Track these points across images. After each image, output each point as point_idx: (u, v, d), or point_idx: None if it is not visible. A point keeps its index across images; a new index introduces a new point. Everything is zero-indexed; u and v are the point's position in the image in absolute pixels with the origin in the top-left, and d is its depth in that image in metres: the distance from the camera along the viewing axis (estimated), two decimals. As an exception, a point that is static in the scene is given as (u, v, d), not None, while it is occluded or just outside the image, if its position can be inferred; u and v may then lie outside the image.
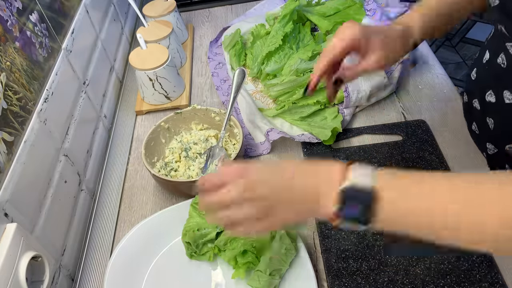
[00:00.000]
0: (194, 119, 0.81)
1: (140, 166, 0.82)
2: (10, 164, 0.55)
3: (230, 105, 0.75)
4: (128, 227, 0.72)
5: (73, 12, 0.82)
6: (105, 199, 0.77)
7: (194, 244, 0.63)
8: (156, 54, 0.87)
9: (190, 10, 1.24)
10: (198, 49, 1.09)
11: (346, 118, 0.81)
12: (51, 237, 0.62)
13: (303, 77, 0.83)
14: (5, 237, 0.49)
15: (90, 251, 0.70)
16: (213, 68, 0.99)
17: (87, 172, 0.77)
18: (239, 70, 0.78)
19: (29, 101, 0.61)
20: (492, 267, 0.58)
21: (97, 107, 0.86)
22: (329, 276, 0.61)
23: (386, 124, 0.80)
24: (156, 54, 0.87)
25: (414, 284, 0.58)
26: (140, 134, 0.89)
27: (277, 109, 0.84)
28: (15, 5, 0.62)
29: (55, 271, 0.61)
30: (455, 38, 2.51)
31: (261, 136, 0.82)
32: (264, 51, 0.90)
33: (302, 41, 0.93)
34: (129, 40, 1.14)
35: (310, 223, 0.67)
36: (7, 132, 0.55)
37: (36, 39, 0.66)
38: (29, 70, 0.63)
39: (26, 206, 0.57)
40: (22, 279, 0.49)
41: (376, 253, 0.62)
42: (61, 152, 0.69)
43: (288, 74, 0.86)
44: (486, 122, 0.63)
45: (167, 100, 0.91)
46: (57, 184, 0.65)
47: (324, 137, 0.77)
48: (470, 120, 0.71)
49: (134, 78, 0.93)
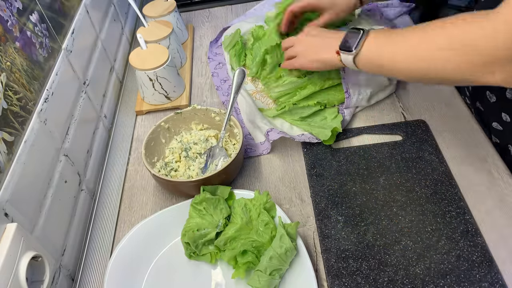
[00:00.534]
0: (194, 119, 0.81)
1: (140, 166, 0.82)
2: (10, 164, 0.55)
3: (230, 105, 0.75)
4: (128, 227, 0.72)
5: (73, 12, 0.82)
6: (105, 199, 0.77)
7: (194, 245, 0.63)
8: (156, 54, 0.87)
9: (190, 10, 1.24)
10: (198, 49, 1.09)
11: (346, 118, 0.81)
12: (51, 237, 0.62)
13: (304, 79, 0.83)
14: (5, 237, 0.49)
15: (90, 251, 0.70)
16: (213, 68, 0.99)
17: (87, 172, 0.77)
18: (239, 70, 0.79)
19: (29, 101, 0.61)
20: (492, 267, 0.58)
21: (97, 107, 0.86)
22: (329, 276, 0.61)
23: (386, 124, 0.80)
24: (156, 54, 0.87)
25: (414, 284, 0.58)
26: (140, 134, 0.89)
27: (277, 110, 0.84)
28: (15, 5, 0.62)
29: (55, 271, 0.62)
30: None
31: (261, 136, 0.82)
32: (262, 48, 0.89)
33: None
34: (129, 40, 1.14)
35: (310, 223, 0.68)
36: (7, 132, 0.55)
37: (36, 39, 0.66)
38: (29, 70, 0.63)
39: (26, 206, 0.57)
40: (22, 279, 0.49)
41: (376, 253, 0.62)
42: (61, 152, 0.69)
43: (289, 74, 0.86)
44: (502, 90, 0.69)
45: (167, 100, 0.91)
46: (57, 184, 0.65)
47: (324, 137, 0.77)
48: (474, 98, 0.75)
49: (134, 78, 0.93)
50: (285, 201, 0.71)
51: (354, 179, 0.72)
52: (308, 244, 0.65)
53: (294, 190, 0.73)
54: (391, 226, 0.65)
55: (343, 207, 0.68)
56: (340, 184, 0.71)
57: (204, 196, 0.65)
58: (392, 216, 0.66)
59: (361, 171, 0.73)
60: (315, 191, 0.71)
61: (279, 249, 0.58)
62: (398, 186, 0.70)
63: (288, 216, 0.65)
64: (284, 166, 0.77)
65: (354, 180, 0.72)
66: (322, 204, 0.69)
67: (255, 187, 0.74)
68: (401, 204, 0.67)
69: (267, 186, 0.74)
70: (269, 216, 0.63)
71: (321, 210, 0.68)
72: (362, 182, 0.71)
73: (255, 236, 0.62)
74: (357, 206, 0.68)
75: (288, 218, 0.64)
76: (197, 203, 0.65)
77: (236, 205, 0.65)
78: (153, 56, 0.87)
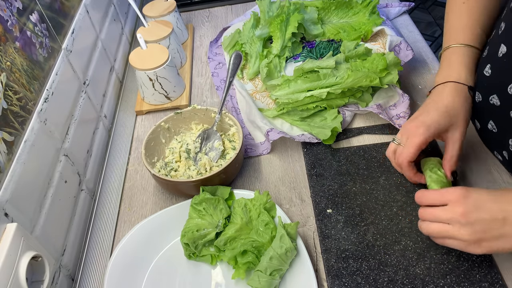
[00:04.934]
0: (194, 119, 0.81)
1: (140, 166, 0.82)
2: (10, 164, 0.55)
3: (226, 89, 0.76)
4: (128, 227, 0.72)
5: (73, 12, 0.82)
6: (105, 199, 0.77)
7: (193, 245, 0.63)
8: (156, 54, 0.87)
9: (190, 10, 1.24)
10: (198, 49, 1.09)
11: (347, 119, 0.81)
12: (51, 237, 0.62)
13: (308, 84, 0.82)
14: (5, 237, 0.49)
15: (90, 251, 0.70)
16: (213, 68, 0.99)
17: (87, 172, 0.77)
18: (236, 53, 0.79)
19: (29, 101, 0.61)
20: (492, 267, 0.58)
21: (97, 107, 0.86)
22: (329, 276, 0.61)
23: (386, 124, 0.80)
24: (156, 54, 0.87)
25: (414, 284, 0.58)
26: (140, 134, 0.89)
27: (277, 110, 0.84)
28: (15, 5, 0.62)
29: (55, 271, 0.61)
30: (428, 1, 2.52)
31: (261, 136, 0.82)
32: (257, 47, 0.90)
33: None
34: (129, 40, 1.14)
35: (310, 223, 0.68)
36: (7, 132, 0.55)
37: (36, 39, 0.66)
38: (29, 70, 0.63)
39: (26, 206, 0.57)
40: (22, 279, 0.49)
41: (376, 253, 0.62)
42: (61, 152, 0.69)
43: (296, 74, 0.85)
44: (509, 117, 0.61)
45: (167, 100, 0.91)
46: (57, 184, 0.65)
47: (324, 137, 0.77)
48: (485, 119, 0.68)
49: (134, 78, 0.93)
50: (285, 201, 0.71)
51: (354, 179, 0.72)
52: (308, 244, 0.65)
53: (294, 190, 0.73)
54: (391, 226, 0.65)
55: (343, 207, 0.68)
56: (340, 184, 0.71)
57: (204, 196, 0.65)
58: (392, 216, 0.66)
59: (361, 171, 0.73)
60: (315, 191, 0.71)
61: (279, 249, 0.58)
62: (398, 186, 0.70)
63: (288, 216, 0.65)
64: (284, 166, 0.77)
65: (354, 180, 0.72)
66: (322, 204, 0.69)
67: (255, 187, 0.74)
68: (401, 204, 0.67)
69: (267, 186, 0.74)
70: (269, 216, 0.63)
71: (321, 210, 0.68)
72: (362, 182, 0.71)
73: (255, 236, 0.62)
74: (357, 206, 0.68)
75: (288, 218, 0.64)
76: (197, 204, 0.65)
77: (236, 205, 0.65)
78: (153, 56, 0.87)
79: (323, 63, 0.81)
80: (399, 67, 0.80)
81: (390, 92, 0.83)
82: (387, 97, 0.83)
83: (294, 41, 0.95)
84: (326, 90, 0.79)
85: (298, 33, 0.95)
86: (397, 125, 0.76)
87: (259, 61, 0.93)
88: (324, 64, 0.81)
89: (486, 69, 0.65)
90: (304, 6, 0.98)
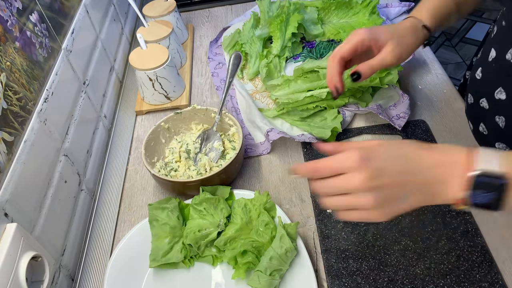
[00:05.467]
0: (194, 119, 0.81)
1: (140, 166, 0.82)
2: (10, 164, 0.55)
3: (226, 89, 0.76)
4: (128, 227, 0.72)
5: (73, 12, 0.82)
6: (105, 199, 0.77)
7: (196, 246, 0.63)
8: (156, 54, 0.87)
9: (190, 10, 1.24)
10: (198, 49, 1.09)
11: (347, 119, 0.81)
12: (51, 237, 0.62)
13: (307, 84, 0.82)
14: (5, 237, 0.49)
15: (90, 251, 0.70)
16: (213, 68, 1.00)
17: (87, 172, 0.77)
18: (236, 53, 0.79)
19: (29, 101, 0.61)
20: (492, 267, 0.58)
21: (97, 107, 0.86)
22: (329, 276, 0.61)
23: (386, 124, 0.80)
24: (156, 54, 0.87)
25: (414, 284, 0.58)
26: (140, 134, 0.89)
27: (277, 110, 0.84)
28: (15, 5, 0.62)
29: (55, 271, 0.61)
30: (455, 38, 2.51)
31: (261, 136, 0.82)
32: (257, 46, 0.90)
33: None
34: (129, 40, 1.14)
35: (310, 223, 0.67)
36: (7, 132, 0.55)
37: (36, 39, 0.66)
38: (29, 70, 0.63)
39: (26, 206, 0.57)
40: (22, 279, 0.49)
41: (376, 253, 0.62)
42: (61, 152, 0.69)
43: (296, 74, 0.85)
44: (495, 121, 0.63)
45: (167, 100, 0.91)
46: (57, 184, 0.65)
47: (324, 137, 0.77)
48: (476, 121, 0.69)
49: (134, 78, 0.93)
50: (285, 201, 0.71)
51: (354, 179, 0.72)
52: (308, 244, 0.65)
53: (294, 190, 0.73)
54: (391, 226, 0.65)
55: (343, 207, 0.68)
56: (340, 184, 0.71)
57: (204, 196, 0.65)
58: (392, 216, 0.66)
59: (361, 171, 0.73)
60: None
61: (279, 249, 0.58)
62: (398, 186, 0.70)
63: (288, 216, 0.65)
64: (284, 166, 0.77)
65: (354, 180, 0.72)
66: (322, 204, 0.69)
67: (255, 187, 0.74)
68: (401, 204, 0.67)
69: (267, 186, 0.74)
70: (269, 216, 0.63)
71: (321, 210, 0.68)
72: (362, 182, 0.71)
73: (255, 236, 0.62)
74: (357, 206, 0.68)
75: (288, 218, 0.64)
76: (197, 204, 0.65)
77: (236, 205, 0.65)
78: (153, 56, 0.87)
79: (323, 63, 0.82)
80: (399, 67, 0.81)
81: (390, 92, 0.83)
82: (387, 97, 0.83)
83: (294, 41, 0.95)
84: (326, 90, 0.79)
85: (298, 33, 0.96)
86: (397, 125, 0.76)
87: (259, 61, 0.93)
88: (324, 64, 0.81)
89: (477, 72, 0.66)
90: (304, 6, 0.98)
